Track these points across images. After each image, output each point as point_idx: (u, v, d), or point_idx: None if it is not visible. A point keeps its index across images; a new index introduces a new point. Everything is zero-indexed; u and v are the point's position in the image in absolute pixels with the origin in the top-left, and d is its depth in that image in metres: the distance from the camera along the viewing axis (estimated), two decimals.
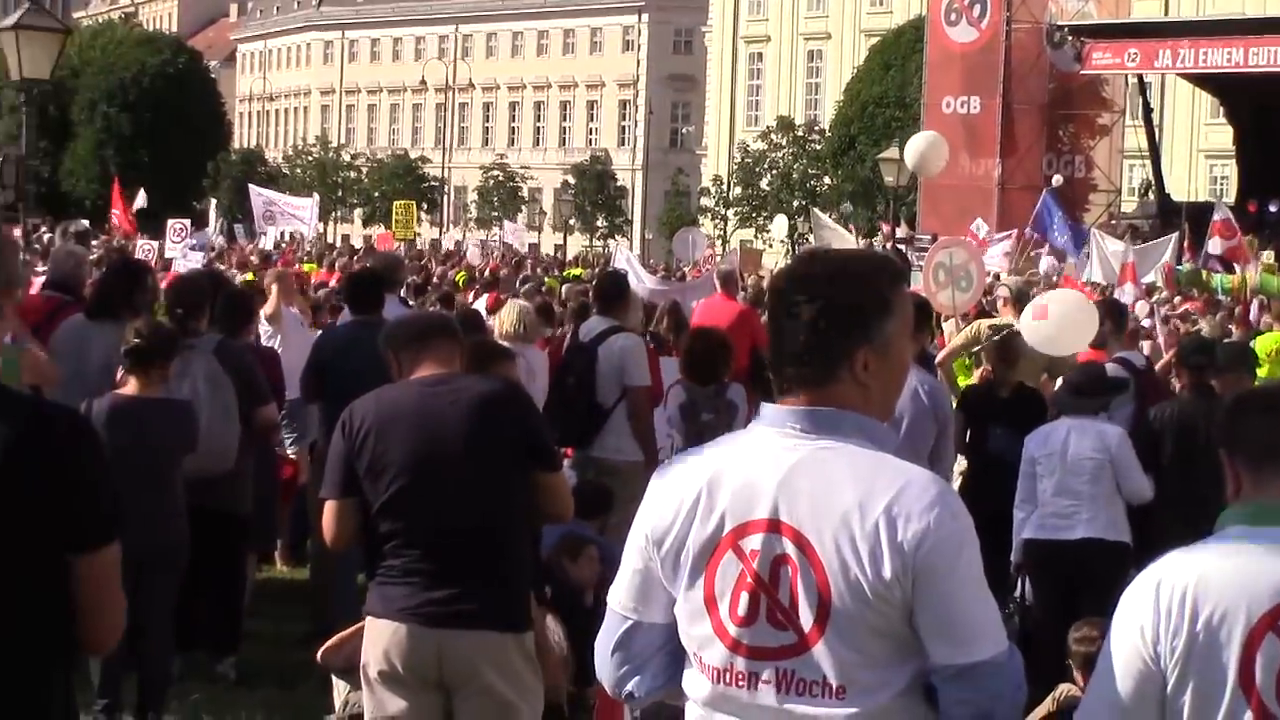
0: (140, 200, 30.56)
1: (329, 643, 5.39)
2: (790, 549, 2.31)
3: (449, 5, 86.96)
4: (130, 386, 6.33)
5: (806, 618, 2.31)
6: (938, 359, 9.57)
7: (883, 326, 2.41)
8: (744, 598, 2.37)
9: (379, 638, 4.60)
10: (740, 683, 2.40)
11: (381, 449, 4.51)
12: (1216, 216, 26.31)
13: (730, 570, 2.41)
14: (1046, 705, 5.01)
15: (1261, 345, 10.94)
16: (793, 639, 2.33)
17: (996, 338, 8.80)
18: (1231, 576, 2.37)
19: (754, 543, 2.38)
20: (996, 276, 17.65)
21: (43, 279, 9.37)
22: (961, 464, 8.41)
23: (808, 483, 2.36)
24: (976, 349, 9.21)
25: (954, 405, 8.04)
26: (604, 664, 2.70)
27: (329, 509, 4.77)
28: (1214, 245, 24.74)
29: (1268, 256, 25.63)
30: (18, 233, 14.23)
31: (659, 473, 2.68)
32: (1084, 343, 8.44)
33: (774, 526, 2.35)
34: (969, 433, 7.92)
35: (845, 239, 26.68)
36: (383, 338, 5.05)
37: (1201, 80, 36.56)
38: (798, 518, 2.34)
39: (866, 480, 2.36)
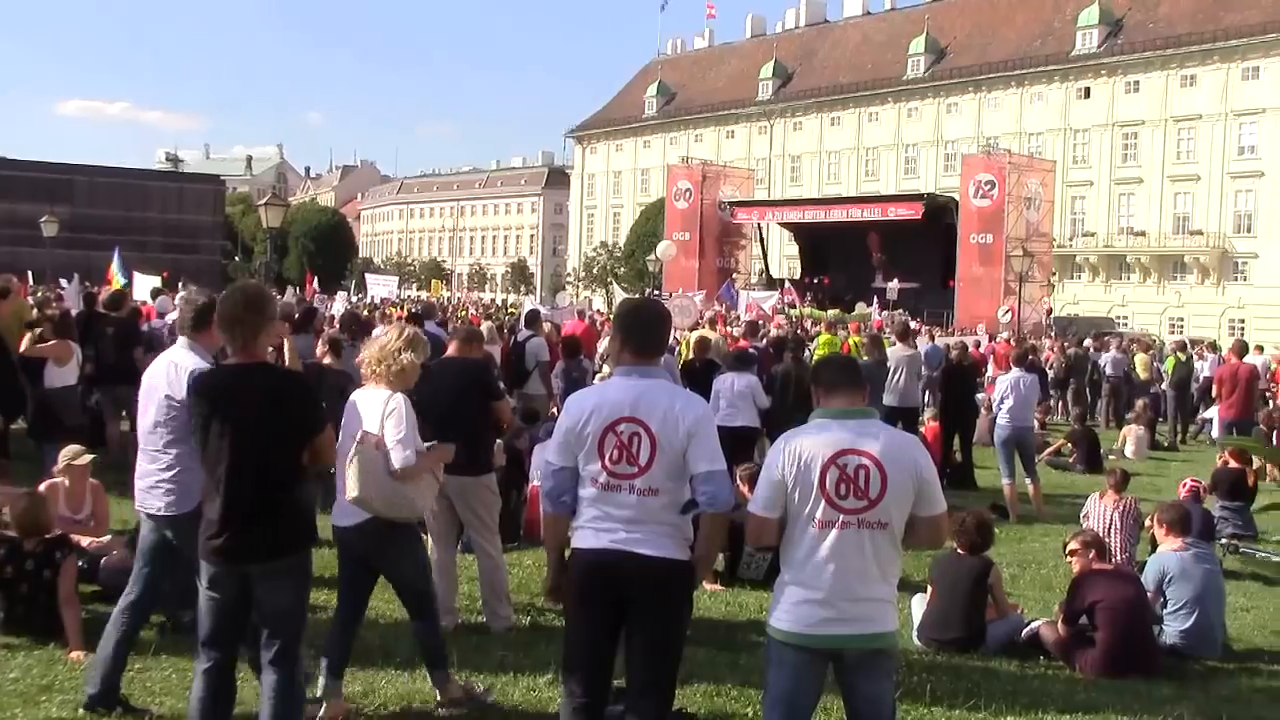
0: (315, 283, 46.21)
1: None
2: (640, 429, 3.88)
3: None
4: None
5: (645, 459, 3.81)
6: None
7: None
8: (616, 452, 3.84)
9: None
10: (609, 489, 3.87)
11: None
12: (788, 284, 44.47)
13: (610, 440, 3.82)
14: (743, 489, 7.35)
15: (819, 343, 18.83)
16: (636, 470, 3.82)
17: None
18: (815, 438, 3.75)
19: (622, 426, 3.85)
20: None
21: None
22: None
23: (645, 400, 3.87)
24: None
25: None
26: (545, 483, 4.21)
27: None
28: (787, 298, 41.59)
29: (831, 312, 39.53)
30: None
31: (568, 401, 4.28)
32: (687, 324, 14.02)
33: (632, 419, 3.87)
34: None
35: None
36: None
37: (784, 225, 57.18)
38: (643, 414, 3.83)
39: (669, 396, 3.87)
